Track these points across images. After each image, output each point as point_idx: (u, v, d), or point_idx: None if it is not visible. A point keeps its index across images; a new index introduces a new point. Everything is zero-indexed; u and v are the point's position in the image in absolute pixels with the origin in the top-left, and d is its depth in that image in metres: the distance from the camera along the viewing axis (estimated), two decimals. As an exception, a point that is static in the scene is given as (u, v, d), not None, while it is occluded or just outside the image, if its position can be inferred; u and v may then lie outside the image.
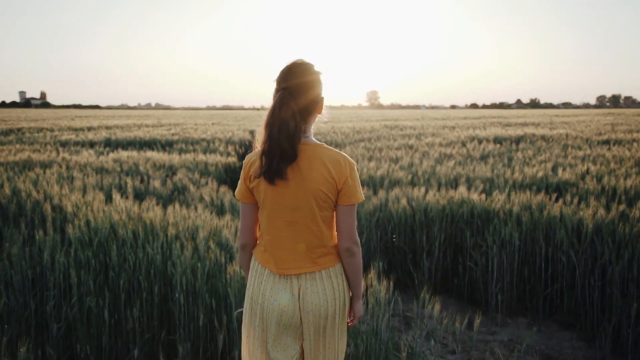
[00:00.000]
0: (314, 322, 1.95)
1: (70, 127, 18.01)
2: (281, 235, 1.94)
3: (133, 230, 4.01)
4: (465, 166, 7.53)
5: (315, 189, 1.87)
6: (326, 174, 1.87)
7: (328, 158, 1.89)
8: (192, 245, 3.84)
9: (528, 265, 4.62)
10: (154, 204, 4.65)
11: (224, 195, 5.80)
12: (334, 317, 1.97)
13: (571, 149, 9.32)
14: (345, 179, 1.88)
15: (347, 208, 1.91)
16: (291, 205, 1.89)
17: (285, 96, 1.84)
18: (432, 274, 5.06)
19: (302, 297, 1.93)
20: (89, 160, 7.62)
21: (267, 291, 1.94)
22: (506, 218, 4.85)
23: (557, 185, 6.36)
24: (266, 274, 1.96)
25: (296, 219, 1.91)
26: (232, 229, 4.21)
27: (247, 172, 1.95)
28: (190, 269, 3.59)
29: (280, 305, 1.92)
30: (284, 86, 1.85)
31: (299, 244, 1.93)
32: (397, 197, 5.62)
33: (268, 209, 1.93)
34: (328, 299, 1.94)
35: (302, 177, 1.86)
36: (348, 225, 1.93)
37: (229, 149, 10.64)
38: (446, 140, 11.71)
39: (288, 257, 1.93)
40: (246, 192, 1.98)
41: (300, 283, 1.93)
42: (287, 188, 1.88)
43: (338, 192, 1.90)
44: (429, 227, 5.19)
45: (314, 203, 1.89)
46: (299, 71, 1.87)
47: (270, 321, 1.94)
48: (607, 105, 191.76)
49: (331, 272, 1.96)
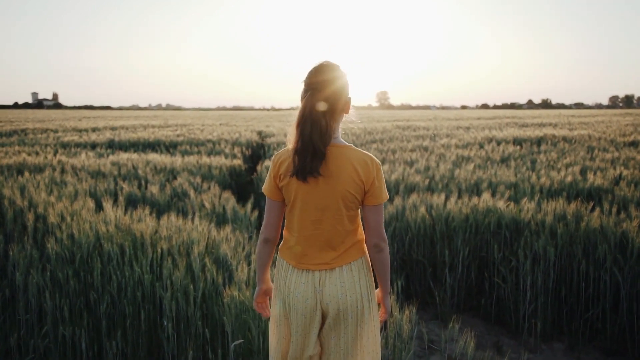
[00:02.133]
0: (333, 315, 1.98)
1: (75, 128, 17.64)
2: (308, 233, 1.99)
3: (121, 245, 3.56)
4: (486, 170, 7.01)
5: (343, 190, 1.92)
6: (354, 175, 1.92)
7: (356, 159, 1.93)
8: (186, 262, 3.38)
9: (565, 284, 4.11)
10: (147, 213, 4.19)
11: (226, 202, 5.33)
12: (357, 312, 1.99)
13: (597, 151, 8.76)
14: (372, 180, 1.94)
15: (374, 207, 1.97)
16: (320, 205, 1.95)
17: (314, 95, 1.88)
18: (455, 292, 4.56)
19: (321, 289, 1.98)
20: (86, 163, 7.19)
21: (291, 285, 2.00)
22: (538, 229, 4.35)
23: (589, 191, 5.84)
24: (290, 269, 2.03)
25: (324, 219, 1.96)
26: (232, 242, 3.75)
27: (276, 170, 1.99)
28: (183, 292, 3.13)
29: (303, 297, 1.98)
30: (313, 86, 1.89)
31: (325, 242, 1.98)
32: (414, 205, 5.13)
33: (298, 208, 1.98)
34: (347, 292, 1.98)
35: (331, 179, 1.91)
36: (376, 223, 1.99)
37: (235, 151, 10.18)
38: (462, 141, 11.17)
39: (313, 254, 1.99)
40: (274, 189, 2.02)
41: (321, 275, 1.98)
42: (317, 189, 1.93)
43: (365, 193, 1.96)
44: (451, 239, 4.70)
45: (342, 203, 1.94)
46: (327, 71, 1.91)
47: (296, 313, 1.99)
48: (620, 106, 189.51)
49: (352, 266, 2.01)
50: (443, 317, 4.49)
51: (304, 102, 1.90)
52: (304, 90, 1.93)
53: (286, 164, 1.95)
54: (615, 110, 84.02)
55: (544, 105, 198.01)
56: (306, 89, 1.92)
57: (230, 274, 3.37)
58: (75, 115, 38.63)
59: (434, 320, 4.49)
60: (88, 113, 50.38)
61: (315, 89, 1.89)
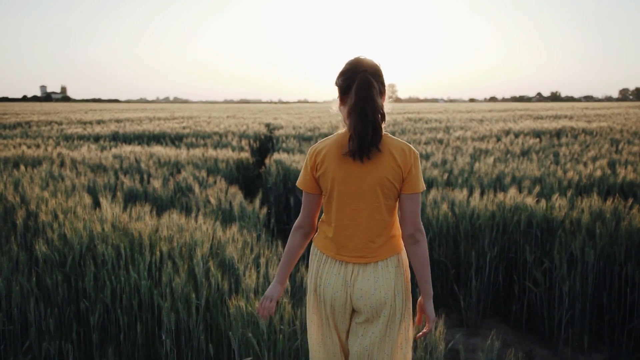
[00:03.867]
0: (365, 310, 1.93)
1: (80, 120, 17.34)
2: (346, 223, 1.95)
3: (117, 246, 3.22)
4: (507, 163, 6.62)
5: (382, 177, 1.89)
6: (393, 163, 1.89)
7: (394, 147, 1.91)
8: (188, 266, 3.04)
9: (605, 289, 3.74)
10: (147, 211, 3.85)
11: (233, 198, 4.98)
12: (389, 312, 1.93)
13: (623, 144, 8.33)
14: (410, 168, 1.91)
15: (411, 196, 1.93)
16: (358, 193, 1.92)
17: (367, 77, 1.88)
18: (482, 296, 4.19)
19: (352, 283, 1.93)
20: (86, 157, 6.86)
21: (324, 275, 1.98)
22: (574, 229, 3.97)
23: (621, 186, 5.44)
24: (324, 259, 1.99)
25: (362, 208, 1.93)
26: (240, 243, 3.40)
27: (313, 161, 1.97)
28: (185, 300, 2.79)
29: (332, 289, 1.95)
30: (363, 70, 1.90)
31: (362, 232, 1.94)
32: (435, 201, 4.76)
33: (335, 197, 1.95)
34: (381, 288, 1.92)
35: (369, 166, 1.89)
36: (412, 213, 1.93)
37: (242, 144, 9.83)
38: (477, 133, 10.76)
39: (350, 245, 1.95)
40: (311, 182, 2.00)
41: (354, 269, 1.94)
42: (354, 176, 1.91)
43: (403, 181, 1.92)
44: (476, 239, 4.33)
45: (380, 192, 1.91)
46: (368, 60, 1.94)
47: (324, 305, 1.98)
48: (630, 99, 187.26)
49: (388, 262, 1.95)
50: (469, 324, 4.13)
51: (355, 86, 1.88)
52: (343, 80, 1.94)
53: (323, 153, 1.94)
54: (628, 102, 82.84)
55: (553, 98, 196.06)
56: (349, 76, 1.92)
57: (237, 279, 3.03)
58: (82, 108, 38.41)
59: (458, 327, 4.13)
60: (95, 106, 50.17)
61: (365, 71, 1.89)
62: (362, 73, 1.89)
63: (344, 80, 1.93)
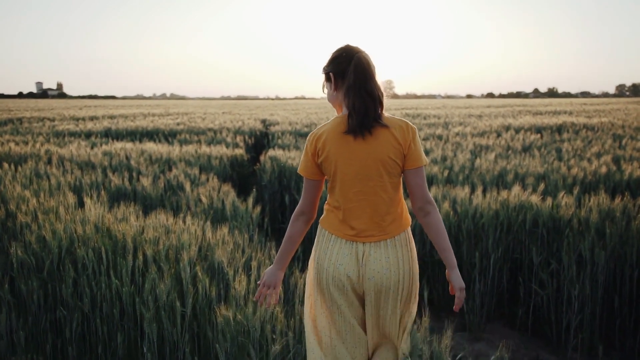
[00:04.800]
0: (375, 290, 1.96)
1: (73, 116, 17.06)
2: (354, 205, 1.96)
3: (99, 250, 3.02)
4: (509, 160, 6.43)
5: (384, 156, 1.91)
6: (392, 140, 1.91)
7: (392, 125, 1.93)
8: (174, 271, 2.84)
9: (616, 292, 3.55)
10: (132, 211, 3.65)
11: (226, 196, 4.78)
12: (397, 288, 1.96)
13: (626, 139, 8.14)
14: (409, 144, 1.93)
15: (414, 171, 1.95)
16: (362, 174, 1.93)
17: (363, 56, 1.93)
18: (485, 299, 4.00)
19: (365, 263, 1.95)
20: (75, 153, 6.64)
21: (333, 256, 1.98)
22: (582, 229, 3.78)
23: (627, 183, 5.26)
24: (333, 240, 2.00)
25: (367, 188, 1.94)
26: (230, 246, 3.19)
27: (314, 147, 1.97)
28: (169, 309, 2.59)
29: (346, 269, 1.96)
30: (357, 52, 1.94)
31: (371, 212, 1.95)
32: (436, 199, 4.56)
33: (340, 180, 1.96)
34: (391, 267, 1.95)
35: (370, 146, 1.91)
36: (418, 187, 1.96)
37: (237, 140, 9.62)
38: (477, 129, 10.56)
39: (360, 225, 1.95)
40: (313, 168, 2.00)
41: (365, 249, 1.95)
42: (356, 157, 1.92)
43: (404, 157, 1.94)
44: (479, 238, 4.13)
45: (383, 170, 1.93)
46: (357, 46, 1.98)
47: (336, 286, 1.97)
48: (627, 94, 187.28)
49: (396, 241, 1.97)
50: (472, 328, 3.94)
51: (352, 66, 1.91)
52: (333, 67, 1.98)
53: (324, 138, 1.94)
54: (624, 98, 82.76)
55: (550, 94, 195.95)
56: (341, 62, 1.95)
57: (227, 285, 2.83)
58: (76, 105, 38.05)
59: (461, 332, 3.94)
60: (91, 102, 49.75)
61: (358, 52, 1.94)
62: (357, 54, 1.94)
63: (339, 64, 1.96)
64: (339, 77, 1.97)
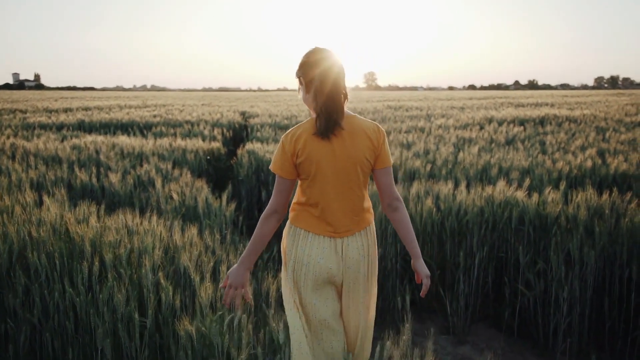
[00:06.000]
0: (353, 277, 2.09)
1: (46, 108, 16.54)
2: (332, 203, 2.06)
3: (53, 255, 2.77)
4: (493, 153, 6.28)
5: (361, 157, 2.04)
6: (368, 142, 2.05)
7: (366, 127, 2.07)
8: (136, 277, 2.61)
9: (606, 293, 3.40)
10: (93, 210, 3.39)
11: (199, 192, 4.53)
12: (366, 272, 2.13)
13: (610, 132, 8.05)
14: (381, 145, 2.09)
15: (384, 170, 2.12)
16: (341, 174, 2.04)
17: (329, 62, 2.02)
18: (469, 301, 3.83)
19: (344, 254, 2.08)
20: (41, 147, 6.33)
21: (313, 251, 2.06)
22: (569, 226, 3.62)
23: (613, 178, 5.13)
24: (311, 237, 2.07)
25: (345, 187, 2.06)
26: (198, 249, 2.96)
27: (294, 148, 2.03)
28: (127, 321, 2.36)
29: (327, 263, 2.06)
30: (324, 56, 2.03)
31: (349, 209, 2.08)
32: (418, 195, 4.37)
33: (319, 181, 2.04)
34: (365, 254, 2.12)
35: (348, 148, 2.02)
36: (387, 185, 2.13)
37: (214, 133, 9.34)
38: (459, 122, 10.42)
39: (338, 222, 2.07)
40: (290, 168, 2.06)
41: (344, 242, 2.08)
42: (336, 158, 2.02)
43: (376, 158, 2.09)
44: (463, 236, 3.96)
45: (360, 170, 2.06)
46: (326, 49, 2.05)
47: (315, 281, 2.07)
48: (605, 87, 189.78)
49: (367, 230, 2.13)
50: (456, 331, 3.77)
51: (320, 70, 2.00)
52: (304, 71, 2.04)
53: (303, 139, 2.01)
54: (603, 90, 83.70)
55: (531, 86, 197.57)
56: (310, 78, 2.02)
57: (193, 293, 2.61)
58: (53, 96, 37.19)
59: (444, 336, 3.77)
60: (68, 94, 48.70)
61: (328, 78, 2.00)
62: (323, 59, 2.02)
63: (307, 69, 2.03)
64: (309, 80, 2.03)
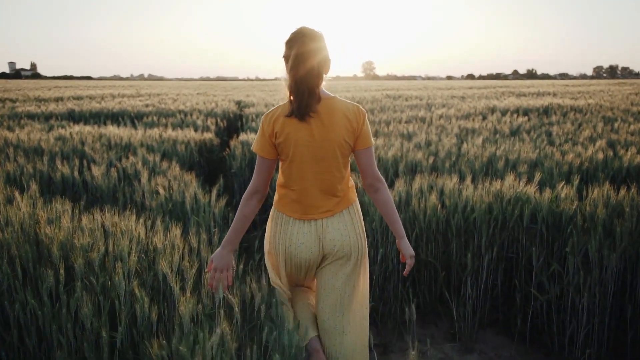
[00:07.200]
0: (334, 255, 2.13)
1: (37, 97, 16.13)
2: (309, 184, 2.08)
3: (18, 259, 2.48)
4: (498, 144, 5.98)
5: (340, 139, 2.04)
6: (347, 124, 2.05)
7: (345, 109, 2.06)
8: (110, 285, 2.32)
9: (629, 300, 3.13)
10: (67, 208, 3.09)
11: (187, 187, 4.23)
12: (358, 252, 2.16)
13: (618, 122, 7.75)
14: (361, 126, 2.08)
15: (365, 151, 2.11)
16: (319, 155, 2.04)
17: (304, 44, 1.96)
18: (477, 305, 3.55)
19: (324, 235, 2.11)
20: (24, 138, 6.00)
21: (294, 236, 2.11)
22: (587, 226, 3.34)
23: (627, 171, 4.85)
24: (291, 221, 2.12)
25: (323, 169, 2.07)
26: (180, 253, 2.66)
27: (271, 129, 2.05)
28: (94, 338, 2.07)
29: (307, 247, 2.10)
30: (301, 36, 1.98)
31: (326, 190, 2.10)
32: (422, 191, 4.08)
33: (297, 161, 2.05)
34: (349, 233, 2.13)
35: (326, 129, 2.02)
36: (368, 165, 2.13)
37: (208, 123, 9.02)
38: (461, 111, 10.10)
39: (316, 204, 2.10)
40: (269, 147, 2.07)
41: (323, 223, 2.11)
42: (314, 140, 2.02)
43: (356, 139, 2.09)
44: (470, 235, 3.68)
45: (339, 152, 2.06)
46: (309, 29, 2.00)
47: (299, 263, 2.14)
48: (604, 76, 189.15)
49: (350, 210, 2.16)
50: (462, 338, 3.50)
51: (294, 52, 1.97)
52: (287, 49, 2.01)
53: (281, 120, 2.02)
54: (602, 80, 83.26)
55: (529, 75, 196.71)
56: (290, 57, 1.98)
57: (172, 305, 2.32)
58: (47, 85, 36.70)
59: (450, 343, 3.49)
60: (64, 83, 48.08)
61: (302, 59, 1.96)
62: (300, 40, 1.97)
63: (287, 49, 2.00)
64: (285, 60, 2.02)
